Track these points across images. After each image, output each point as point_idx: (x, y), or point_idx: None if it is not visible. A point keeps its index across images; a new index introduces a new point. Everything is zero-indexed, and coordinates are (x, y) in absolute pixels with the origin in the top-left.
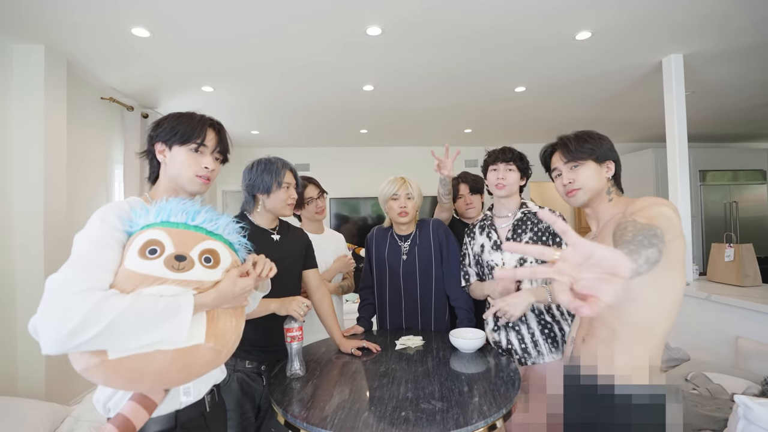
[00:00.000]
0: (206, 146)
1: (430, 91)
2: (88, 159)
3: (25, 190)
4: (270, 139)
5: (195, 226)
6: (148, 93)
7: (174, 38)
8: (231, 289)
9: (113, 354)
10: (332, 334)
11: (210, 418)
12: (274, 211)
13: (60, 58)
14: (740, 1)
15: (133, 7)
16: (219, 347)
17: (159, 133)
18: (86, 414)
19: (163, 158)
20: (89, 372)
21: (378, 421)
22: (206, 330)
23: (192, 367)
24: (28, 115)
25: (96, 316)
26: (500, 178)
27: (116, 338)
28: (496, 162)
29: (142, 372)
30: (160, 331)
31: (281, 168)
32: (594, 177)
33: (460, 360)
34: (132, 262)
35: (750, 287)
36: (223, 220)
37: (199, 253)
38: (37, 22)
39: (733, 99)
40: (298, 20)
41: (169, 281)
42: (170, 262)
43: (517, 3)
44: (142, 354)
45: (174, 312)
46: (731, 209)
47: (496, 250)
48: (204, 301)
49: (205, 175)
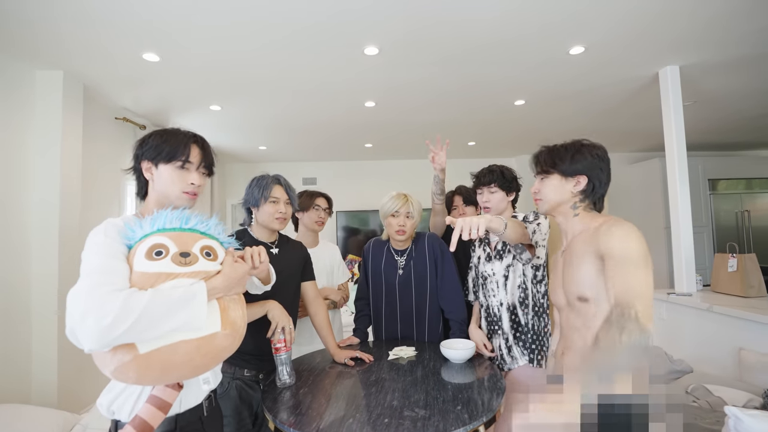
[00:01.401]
0: (191, 162)
1: (430, 106)
2: (102, 175)
3: (42, 207)
4: (277, 154)
5: (189, 228)
6: (160, 112)
7: (182, 61)
8: (234, 273)
9: (143, 348)
10: (327, 345)
11: (207, 422)
12: (264, 224)
13: (77, 82)
14: (736, 12)
15: (144, 34)
16: (234, 333)
17: (145, 151)
18: (94, 421)
19: (150, 176)
20: (122, 370)
21: (361, 427)
22: (221, 319)
23: (213, 352)
24: (47, 136)
25: (129, 308)
26: (485, 201)
27: (147, 327)
28: (479, 186)
29: (171, 361)
30: (182, 315)
31: (270, 183)
32: (555, 190)
33: (450, 370)
34: (142, 265)
35: (754, 298)
36: (212, 221)
37: (199, 249)
38: (57, 50)
39: (736, 108)
40: (299, 41)
41: (180, 275)
42: (177, 259)
43: (508, 21)
44: (169, 345)
45: (190, 297)
46: (743, 218)
47: (488, 261)
48: (215, 284)
49: (191, 191)
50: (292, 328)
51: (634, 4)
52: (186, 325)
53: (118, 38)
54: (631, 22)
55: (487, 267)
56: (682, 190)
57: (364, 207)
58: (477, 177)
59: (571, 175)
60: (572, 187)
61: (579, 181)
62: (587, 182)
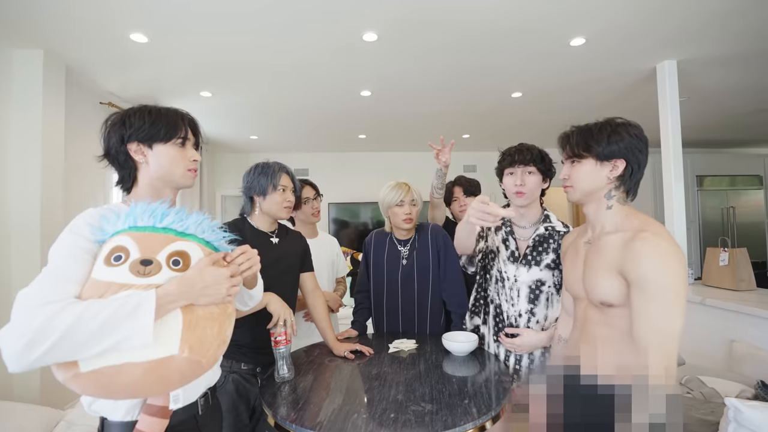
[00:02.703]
0: (189, 139)
1: (427, 97)
2: (85, 163)
3: (22, 196)
4: (268, 144)
5: (163, 228)
6: (147, 98)
7: (172, 43)
8: (198, 277)
9: (84, 367)
10: (326, 337)
11: (203, 421)
12: (270, 213)
13: (59, 63)
14: (733, 8)
15: (132, 13)
16: (197, 357)
17: (133, 132)
18: (79, 418)
19: (142, 158)
20: (67, 384)
21: (366, 422)
22: (181, 338)
23: (169, 378)
24: (27, 119)
25: (48, 327)
26: (519, 185)
27: (76, 347)
28: (513, 165)
29: (114, 384)
30: (121, 330)
31: (277, 171)
32: (589, 176)
33: (453, 363)
34: (97, 272)
35: (744, 291)
36: (192, 218)
37: (167, 256)
38: (36, 27)
39: (728, 104)
40: (295, 25)
41: (135, 287)
42: (135, 267)
43: (512, 8)
44: (113, 367)
45: (134, 307)
46: (728, 214)
47: (512, 262)
48: (168, 291)
49: (194, 168)
50: (293, 320)
51: None
52: (126, 342)
53: (103, 15)
54: (632, 13)
55: (508, 268)
56: (677, 186)
57: (356, 199)
58: (510, 154)
59: (608, 159)
60: (608, 172)
61: (616, 165)
62: (625, 166)
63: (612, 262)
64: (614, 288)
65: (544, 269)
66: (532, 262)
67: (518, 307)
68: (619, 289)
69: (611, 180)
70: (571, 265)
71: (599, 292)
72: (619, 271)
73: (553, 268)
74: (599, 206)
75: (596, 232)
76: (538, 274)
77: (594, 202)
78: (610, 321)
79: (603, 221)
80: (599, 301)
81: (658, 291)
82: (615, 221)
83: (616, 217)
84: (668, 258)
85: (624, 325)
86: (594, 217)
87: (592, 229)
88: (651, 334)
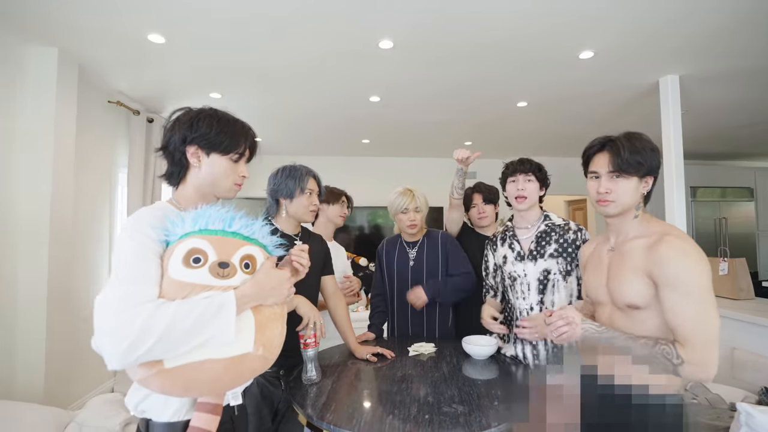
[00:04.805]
0: (244, 156)
1: (434, 105)
2: (93, 162)
3: (32, 194)
4: (273, 146)
5: (233, 233)
6: (156, 98)
7: (188, 45)
8: (266, 280)
9: (169, 363)
10: (347, 340)
11: (237, 421)
12: (296, 216)
13: (72, 62)
14: (739, 25)
15: (151, 14)
16: (267, 354)
17: (197, 136)
18: (91, 419)
19: (196, 162)
20: (146, 382)
21: (403, 423)
22: (255, 338)
23: (242, 374)
24: (39, 117)
25: (150, 328)
26: (520, 189)
27: (172, 345)
28: (515, 173)
29: (196, 380)
30: (210, 328)
31: (305, 174)
32: (631, 193)
33: (474, 366)
34: (177, 272)
35: (744, 300)
36: (257, 224)
37: (239, 259)
38: (52, 25)
39: (723, 119)
40: (311, 28)
41: (215, 288)
42: (215, 270)
43: (527, 18)
44: (195, 363)
45: (218, 307)
46: (721, 225)
47: (519, 261)
48: (244, 292)
49: (240, 183)
50: (322, 323)
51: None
52: (213, 340)
53: (123, 16)
54: (641, 29)
55: (517, 267)
56: (678, 197)
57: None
58: (512, 164)
59: (646, 176)
60: (642, 188)
61: (647, 181)
62: (653, 182)
63: (638, 265)
64: (641, 290)
65: (548, 258)
66: (537, 255)
67: (530, 300)
68: (646, 290)
69: (643, 195)
70: (593, 272)
71: (626, 294)
72: (647, 273)
73: (557, 256)
74: (627, 216)
75: (620, 239)
76: (544, 265)
77: (624, 215)
78: (636, 324)
79: (628, 229)
80: (626, 304)
81: (691, 289)
82: (639, 228)
83: (641, 224)
84: (694, 258)
85: (650, 327)
86: (619, 226)
87: (615, 237)
88: (697, 329)
